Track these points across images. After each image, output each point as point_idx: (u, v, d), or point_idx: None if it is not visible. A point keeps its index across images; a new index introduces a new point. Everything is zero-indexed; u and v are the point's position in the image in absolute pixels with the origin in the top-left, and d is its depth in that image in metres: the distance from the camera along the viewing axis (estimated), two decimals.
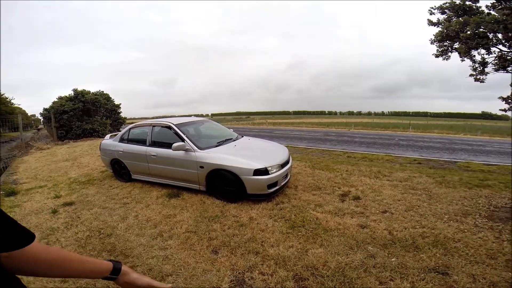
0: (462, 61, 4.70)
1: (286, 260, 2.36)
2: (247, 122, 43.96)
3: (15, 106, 33.31)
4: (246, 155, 3.87)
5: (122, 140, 5.01)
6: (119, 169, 5.10)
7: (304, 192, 4.10)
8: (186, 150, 3.99)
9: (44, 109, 15.56)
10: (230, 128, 5.68)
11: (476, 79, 4.55)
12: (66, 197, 4.34)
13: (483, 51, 4.40)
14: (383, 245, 2.58)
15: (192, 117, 5.58)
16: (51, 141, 14.18)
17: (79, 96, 14.84)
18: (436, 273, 2.15)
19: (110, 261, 0.76)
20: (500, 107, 4.39)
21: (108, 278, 0.74)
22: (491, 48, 4.22)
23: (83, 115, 15.03)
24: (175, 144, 3.94)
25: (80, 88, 15.20)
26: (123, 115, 19.83)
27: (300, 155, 7.93)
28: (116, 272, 0.75)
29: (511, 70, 3.98)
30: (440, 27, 4.64)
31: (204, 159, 3.85)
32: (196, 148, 3.98)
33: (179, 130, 4.26)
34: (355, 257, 2.38)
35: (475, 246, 2.53)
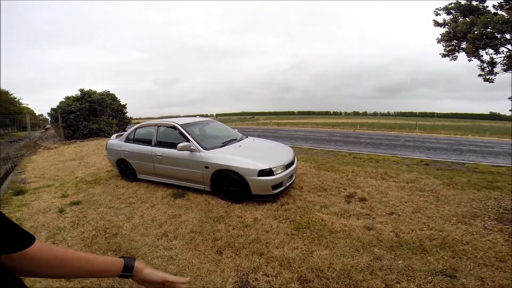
0: (469, 61, 4.64)
1: (291, 262, 2.35)
2: (251, 123, 44.01)
3: (23, 106, 33.75)
4: (251, 156, 3.87)
5: (128, 140, 5.05)
6: (125, 169, 5.13)
7: (309, 193, 4.08)
8: (191, 150, 4.00)
9: (52, 109, 15.79)
10: (234, 128, 5.69)
11: (485, 79, 4.49)
12: (73, 196, 4.38)
13: (491, 51, 4.34)
14: (389, 247, 2.55)
15: (197, 117, 5.60)
16: (59, 140, 14.38)
17: (85, 96, 15.02)
18: (444, 275, 2.12)
19: (123, 257, 0.75)
20: (510, 107, 4.33)
21: (123, 276, 0.73)
22: (499, 48, 4.15)
23: (90, 115, 15.21)
24: (180, 144, 3.96)
25: (86, 88, 15.40)
26: (128, 115, 20.06)
27: (305, 155, 7.89)
28: (129, 270, 0.74)
29: None
30: (447, 28, 4.59)
31: (209, 159, 3.86)
32: (201, 148, 3.99)
33: (184, 130, 4.27)
34: (361, 259, 2.36)
35: (484, 248, 2.49)
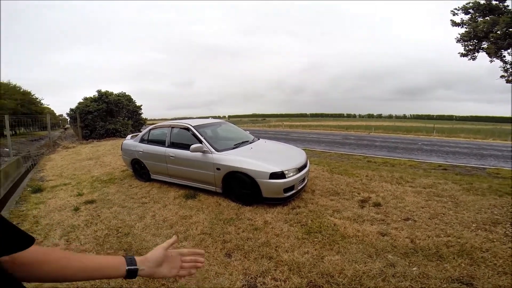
0: (491, 61, 4.46)
1: (301, 267, 2.31)
2: (262, 125, 43.98)
3: (44, 106, 35.12)
4: (263, 158, 3.85)
5: (142, 140, 5.15)
6: (139, 169, 5.23)
7: (322, 197, 4.01)
8: (204, 152, 4.03)
9: (71, 109, 16.35)
10: (246, 130, 5.69)
11: (508, 81, 4.30)
12: (88, 195, 4.50)
13: None
14: (404, 253, 2.47)
15: (210, 119, 5.64)
16: (77, 140, 14.88)
17: (103, 97, 15.51)
18: (460, 283, 2.04)
19: (123, 257, 0.73)
20: None
21: (130, 273, 0.70)
22: None
23: (107, 116, 15.68)
24: (193, 146, 3.99)
25: (103, 90, 15.88)
26: (143, 116, 20.52)
27: (317, 158, 7.80)
28: (133, 263, 0.71)
29: None
30: (466, 27, 4.43)
31: (221, 161, 3.87)
32: (213, 150, 4.01)
33: (197, 132, 4.31)
34: (374, 265, 2.29)
35: (504, 256, 2.38)
